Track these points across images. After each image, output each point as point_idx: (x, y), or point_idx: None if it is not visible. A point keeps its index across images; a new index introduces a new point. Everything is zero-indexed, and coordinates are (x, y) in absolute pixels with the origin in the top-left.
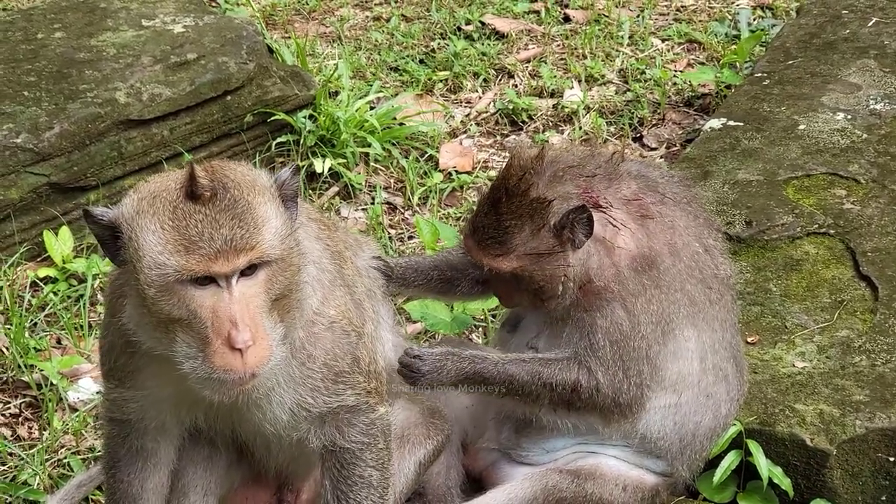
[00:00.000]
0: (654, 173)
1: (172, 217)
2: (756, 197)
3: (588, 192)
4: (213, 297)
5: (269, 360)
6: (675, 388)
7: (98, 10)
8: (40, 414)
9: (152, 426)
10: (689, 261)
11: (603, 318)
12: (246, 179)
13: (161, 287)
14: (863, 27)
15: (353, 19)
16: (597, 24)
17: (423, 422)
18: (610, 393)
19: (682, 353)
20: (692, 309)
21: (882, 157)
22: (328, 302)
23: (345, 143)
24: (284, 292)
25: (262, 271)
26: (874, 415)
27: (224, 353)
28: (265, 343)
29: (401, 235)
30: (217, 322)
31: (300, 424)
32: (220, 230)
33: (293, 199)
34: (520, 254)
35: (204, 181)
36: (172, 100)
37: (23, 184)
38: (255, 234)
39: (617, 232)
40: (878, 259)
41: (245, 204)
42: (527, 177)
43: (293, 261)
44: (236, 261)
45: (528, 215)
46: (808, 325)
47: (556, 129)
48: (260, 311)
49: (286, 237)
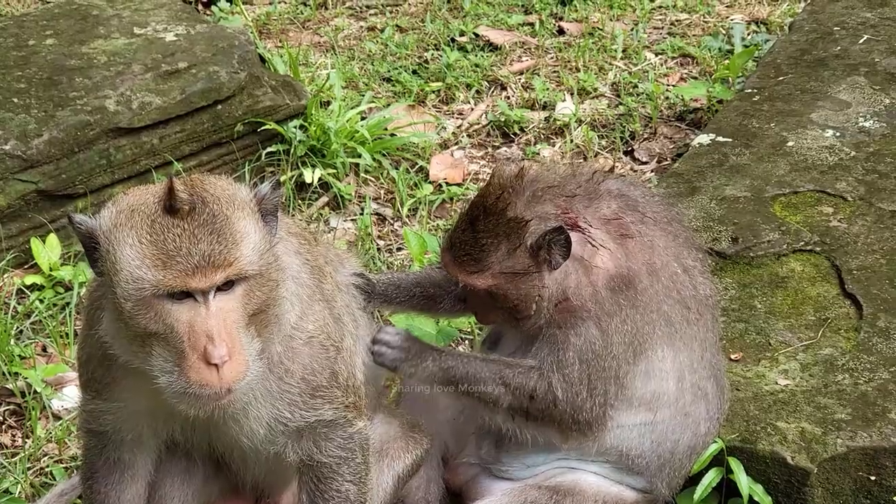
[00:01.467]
0: (634, 192)
1: (150, 231)
2: (743, 213)
3: (567, 213)
4: (189, 312)
5: (245, 375)
6: (650, 406)
7: (90, 18)
8: (24, 422)
9: (129, 438)
10: (668, 281)
11: (577, 335)
12: (225, 194)
13: (138, 301)
14: (854, 44)
15: (347, 29)
16: (591, 37)
17: (403, 435)
18: (568, 409)
19: (655, 372)
20: (669, 329)
21: (870, 174)
22: (306, 317)
23: (335, 153)
24: (262, 307)
25: (239, 286)
26: (856, 433)
27: (200, 369)
28: (241, 358)
29: (389, 247)
30: (193, 337)
31: (277, 438)
32: (197, 245)
33: (273, 214)
34: (495, 272)
35: (183, 195)
36: (162, 108)
37: (11, 191)
38: (233, 249)
39: (595, 252)
40: (863, 277)
41: (224, 219)
42: (505, 195)
43: (271, 276)
44: (214, 276)
45: (505, 234)
46: (792, 342)
47: (548, 141)
48: (237, 326)
49: (265, 252)
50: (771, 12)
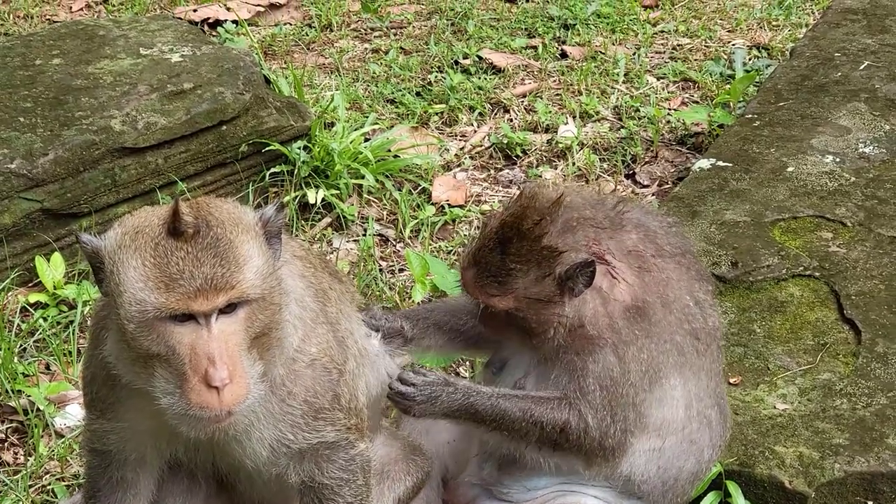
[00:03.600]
0: (653, 223)
1: (154, 254)
2: (742, 238)
3: (597, 244)
4: (191, 335)
5: (246, 398)
6: (660, 433)
7: (97, 38)
8: (26, 439)
9: (132, 458)
10: (679, 313)
11: (595, 363)
12: (230, 217)
13: (140, 323)
14: (854, 70)
15: (351, 51)
16: (593, 60)
17: (404, 457)
18: (597, 436)
19: (667, 400)
20: (680, 359)
21: (869, 200)
22: (309, 339)
23: (338, 174)
24: (264, 330)
25: (241, 309)
26: (853, 458)
27: (201, 391)
28: (243, 381)
29: (392, 268)
30: (195, 359)
31: (279, 460)
32: (201, 268)
33: (277, 236)
34: (518, 296)
35: (188, 218)
36: (168, 128)
37: (16, 209)
38: (237, 273)
39: (615, 284)
40: (862, 303)
41: (227, 242)
42: (543, 223)
43: (274, 300)
44: (216, 299)
45: (536, 261)
46: (790, 367)
47: (550, 164)
48: (238, 349)
49: (268, 276)
50: (772, 38)
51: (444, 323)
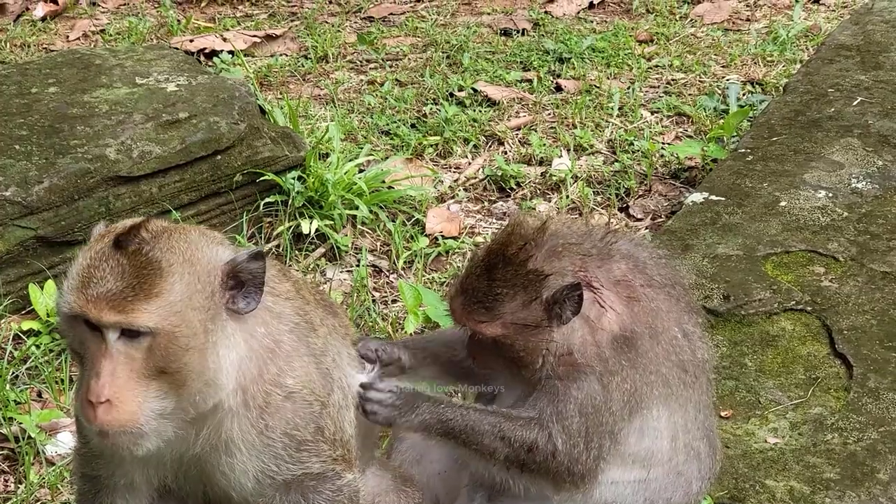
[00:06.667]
0: (643, 254)
1: (93, 256)
2: (735, 272)
3: (584, 270)
4: (95, 346)
5: (127, 426)
6: (644, 463)
7: (93, 67)
8: (17, 467)
9: (121, 483)
10: (667, 345)
11: (579, 389)
12: (183, 249)
13: (61, 315)
14: (848, 106)
15: (347, 82)
16: (588, 94)
17: (395, 489)
18: (565, 461)
19: (650, 431)
20: (666, 390)
21: (862, 235)
22: (284, 373)
23: (332, 204)
24: (173, 369)
25: (145, 339)
26: (844, 493)
27: (84, 401)
28: (125, 408)
29: (385, 299)
30: (89, 369)
31: (266, 490)
32: (111, 281)
33: (254, 284)
34: (506, 322)
35: (140, 234)
36: (162, 158)
37: (10, 236)
38: (138, 301)
39: (603, 313)
40: (853, 337)
41: (153, 270)
42: (527, 247)
43: (188, 343)
44: (108, 316)
45: (522, 286)
46: (781, 401)
47: (544, 196)
48: (133, 376)
49: (181, 316)
50: (766, 73)
51: (440, 354)
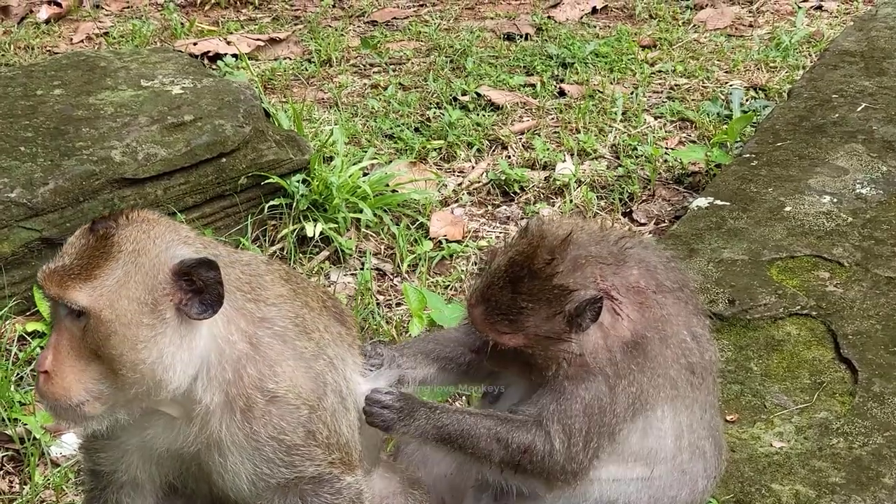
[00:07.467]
0: (653, 258)
1: (73, 236)
2: (740, 276)
3: (603, 279)
4: (55, 320)
5: (61, 400)
6: (647, 462)
7: (98, 69)
8: (22, 468)
9: (126, 479)
10: (676, 348)
11: (587, 390)
12: (139, 239)
13: None
14: (852, 112)
15: (351, 86)
16: (591, 99)
17: (402, 491)
18: (560, 460)
19: (653, 430)
20: (673, 392)
21: (866, 240)
22: (266, 378)
23: (337, 208)
24: (105, 353)
25: (83, 318)
26: (849, 497)
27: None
28: (63, 382)
29: (389, 302)
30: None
31: (263, 493)
32: (67, 258)
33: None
34: (529, 334)
35: (118, 221)
36: (168, 160)
37: (15, 238)
38: (77, 280)
39: (618, 320)
40: (858, 342)
41: (104, 254)
42: (555, 262)
43: (117, 329)
44: (50, 288)
45: (547, 300)
46: (787, 405)
47: (547, 201)
48: (72, 352)
49: (112, 302)
50: (770, 79)
51: (439, 355)
